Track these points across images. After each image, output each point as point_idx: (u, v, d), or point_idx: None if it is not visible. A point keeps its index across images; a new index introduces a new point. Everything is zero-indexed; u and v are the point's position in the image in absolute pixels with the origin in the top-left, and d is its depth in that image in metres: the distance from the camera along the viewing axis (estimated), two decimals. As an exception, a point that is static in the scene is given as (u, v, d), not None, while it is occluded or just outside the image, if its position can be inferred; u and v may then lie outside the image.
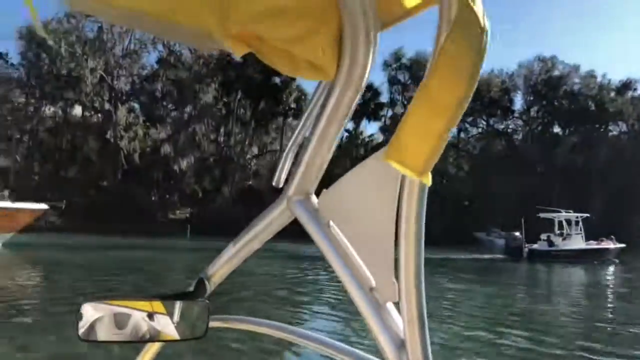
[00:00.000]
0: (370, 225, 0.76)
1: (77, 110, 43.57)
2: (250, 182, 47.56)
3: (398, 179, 0.71)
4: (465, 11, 0.58)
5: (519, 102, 50.37)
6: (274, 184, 0.97)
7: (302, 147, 0.79)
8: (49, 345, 7.96)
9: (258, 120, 45.78)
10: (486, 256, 31.96)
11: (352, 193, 0.78)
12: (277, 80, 43.27)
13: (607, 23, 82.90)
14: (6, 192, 24.69)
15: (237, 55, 0.64)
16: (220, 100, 45.44)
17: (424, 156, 0.59)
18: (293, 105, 43.86)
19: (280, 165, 0.98)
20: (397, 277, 0.72)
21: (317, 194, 0.81)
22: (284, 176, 0.97)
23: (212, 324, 1.02)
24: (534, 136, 48.91)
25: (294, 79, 42.98)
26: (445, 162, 49.60)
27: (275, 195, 0.88)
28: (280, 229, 0.88)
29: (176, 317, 0.99)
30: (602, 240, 32.10)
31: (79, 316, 0.94)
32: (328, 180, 0.82)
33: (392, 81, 49.36)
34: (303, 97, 43.81)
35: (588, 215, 32.77)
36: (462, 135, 50.95)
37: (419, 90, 0.59)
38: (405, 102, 44.33)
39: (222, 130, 46.39)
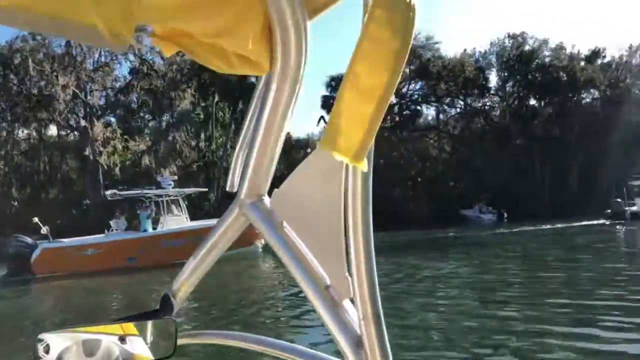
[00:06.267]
0: (320, 221, 0.71)
1: (53, 130, 42.38)
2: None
3: (343, 170, 0.67)
4: None
5: (493, 79, 50.81)
6: (227, 188, 0.90)
7: (249, 147, 0.73)
8: None
9: (238, 122, 45.29)
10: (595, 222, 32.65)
11: (302, 189, 0.73)
12: (253, 79, 42.51)
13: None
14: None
15: (166, 54, 0.60)
16: (198, 105, 44.77)
17: (356, 141, 0.56)
18: (272, 103, 43.35)
19: (232, 168, 0.91)
20: (350, 272, 0.67)
21: (270, 194, 0.77)
22: (237, 179, 0.88)
23: (181, 340, 0.99)
24: (511, 111, 49.50)
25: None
26: (426, 145, 50.06)
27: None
28: (238, 235, 0.83)
29: (144, 337, 0.95)
30: None
31: (41, 349, 0.85)
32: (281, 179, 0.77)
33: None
34: (281, 94, 43.33)
35: None
36: (442, 117, 51.27)
37: (346, 75, 0.55)
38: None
39: (202, 135, 45.71)
